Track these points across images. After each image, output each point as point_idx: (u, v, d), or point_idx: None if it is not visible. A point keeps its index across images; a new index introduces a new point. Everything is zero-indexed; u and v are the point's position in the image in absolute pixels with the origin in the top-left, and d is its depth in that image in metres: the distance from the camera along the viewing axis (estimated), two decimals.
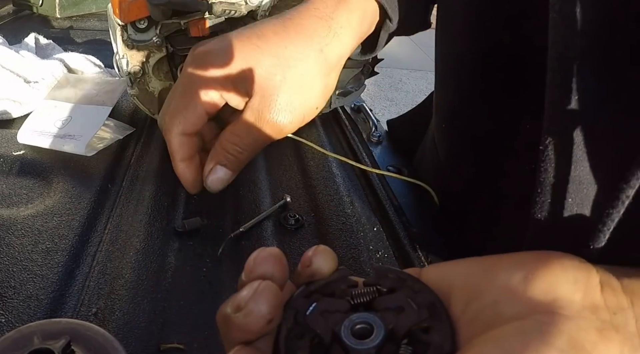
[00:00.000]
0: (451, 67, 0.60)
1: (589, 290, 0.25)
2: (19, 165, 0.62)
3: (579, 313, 0.24)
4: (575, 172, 0.31)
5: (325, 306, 0.29)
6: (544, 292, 0.25)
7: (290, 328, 0.28)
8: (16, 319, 0.43)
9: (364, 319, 0.28)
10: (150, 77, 0.67)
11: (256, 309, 0.26)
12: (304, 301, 0.29)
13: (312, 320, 0.28)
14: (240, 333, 0.27)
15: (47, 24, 1.17)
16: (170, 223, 0.56)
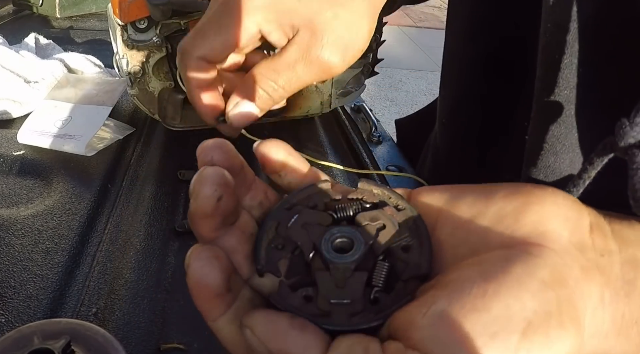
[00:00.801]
0: (454, 65, 0.61)
1: (578, 229, 0.25)
2: (19, 165, 0.62)
3: (565, 249, 0.24)
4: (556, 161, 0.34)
5: (307, 219, 0.28)
6: (533, 224, 0.25)
7: (271, 239, 0.28)
8: (16, 319, 0.43)
9: (344, 234, 0.27)
10: (150, 77, 0.67)
11: (202, 191, 0.26)
12: (285, 213, 0.29)
13: (293, 232, 0.28)
14: (199, 221, 0.27)
15: (47, 24, 1.17)
16: (170, 223, 0.56)
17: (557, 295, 0.23)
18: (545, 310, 0.22)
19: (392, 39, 2.93)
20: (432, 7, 5.30)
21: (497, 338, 0.22)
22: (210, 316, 0.28)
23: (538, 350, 0.22)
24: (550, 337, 0.22)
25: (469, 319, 0.22)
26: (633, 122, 0.26)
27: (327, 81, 0.73)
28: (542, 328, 0.22)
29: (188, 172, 0.65)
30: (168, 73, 0.68)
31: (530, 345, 0.22)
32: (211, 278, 0.26)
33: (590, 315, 0.24)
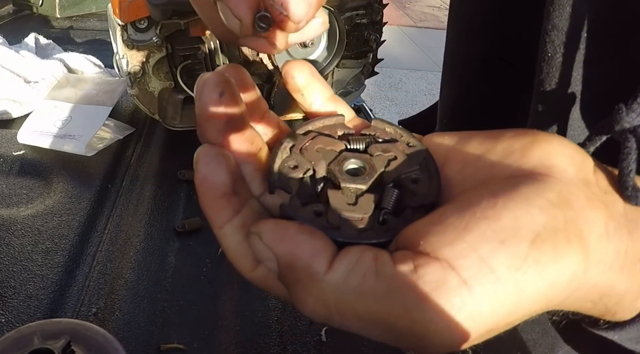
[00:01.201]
0: (455, 65, 0.61)
1: (583, 167, 0.26)
2: (19, 165, 0.62)
3: (571, 180, 0.25)
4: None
5: (322, 144, 0.29)
6: (540, 159, 0.25)
7: (285, 159, 0.28)
8: (16, 319, 0.43)
9: (357, 159, 0.28)
10: (150, 77, 0.67)
11: (204, 89, 0.27)
12: (301, 137, 0.29)
13: (308, 154, 0.28)
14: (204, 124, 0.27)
15: (47, 24, 1.17)
16: (170, 223, 0.56)
17: (564, 214, 0.23)
18: (553, 225, 0.23)
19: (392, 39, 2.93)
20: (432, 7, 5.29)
21: (507, 244, 0.22)
22: (217, 222, 0.27)
23: (546, 261, 0.22)
24: (558, 250, 0.23)
25: (479, 226, 0.23)
26: (630, 108, 0.26)
27: (328, 80, 0.73)
28: (550, 241, 0.22)
29: (188, 172, 0.65)
30: (168, 74, 0.68)
31: (538, 254, 0.22)
32: (217, 176, 0.26)
33: (594, 242, 0.24)
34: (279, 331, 0.46)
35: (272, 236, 0.24)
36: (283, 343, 0.45)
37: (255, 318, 0.47)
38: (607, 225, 0.24)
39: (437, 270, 0.22)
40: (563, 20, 0.34)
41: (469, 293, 0.22)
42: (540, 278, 0.22)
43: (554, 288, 0.23)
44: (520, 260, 0.22)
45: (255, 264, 0.26)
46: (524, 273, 0.22)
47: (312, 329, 0.47)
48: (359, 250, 0.24)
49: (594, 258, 0.24)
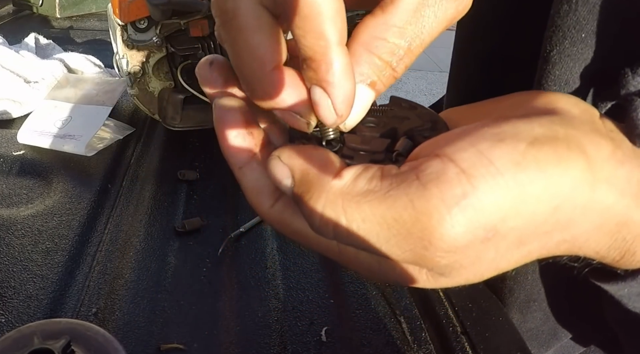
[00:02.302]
0: (463, 64, 0.61)
1: (588, 112, 0.26)
2: (19, 165, 0.62)
3: (576, 116, 0.25)
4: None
5: None
6: (545, 104, 0.26)
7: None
8: (16, 319, 0.43)
9: (372, 114, 0.29)
10: (150, 77, 0.67)
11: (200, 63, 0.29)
12: None
13: None
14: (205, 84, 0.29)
15: (47, 24, 1.17)
16: (170, 223, 0.56)
17: (566, 131, 0.23)
18: (553, 135, 0.23)
19: None
20: None
21: (505, 142, 0.23)
22: (237, 162, 0.28)
23: (546, 160, 0.22)
24: (558, 153, 0.22)
25: (479, 130, 0.23)
26: (636, 72, 0.27)
27: None
28: (549, 144, 0.23)
29: (188, 172, 0.65)
30: (168, 74, 0.68)
31: (537, 152, 0.22)
32: (233, 114, 0.27)
33: (601, 161, 0.23)
34: (279, 331, 0.46)
35: (290, 154, 0.26)
36: (283, 343, 0.45)
37: (255, 318, 0.47)
38: (615, 152, 0.24)
39: (437, 163, 0.23)
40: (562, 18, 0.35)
41: (468, 182, 0.22)
42: (541, 174, 0.22)
43: (558, 190, 0.22)
44: (519, 155, 0.22)
45: (274, 200, 0.27)
46: (523, 168, 0.22)
47: (312, 329, 0.47)
48: (365, 164, 0.25)
49: (601, 176, 0.23)
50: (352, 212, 0.23)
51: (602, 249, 0.25)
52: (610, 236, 0.25)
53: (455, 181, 0.22)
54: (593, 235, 0.24)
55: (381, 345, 0.46)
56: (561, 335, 0.51)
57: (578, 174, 0.23)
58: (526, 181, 0.22)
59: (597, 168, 0.23)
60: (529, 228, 0.23)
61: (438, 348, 0.47)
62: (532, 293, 0.50)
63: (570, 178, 0.22)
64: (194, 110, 0.69)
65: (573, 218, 0.23)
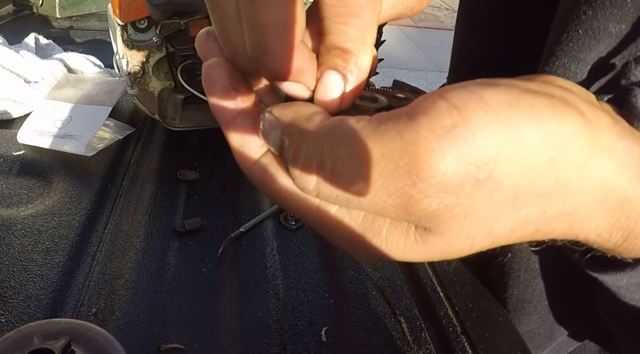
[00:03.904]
0: (463, 61, 0.61)
1: (585, 91, 0.25)
2: (19, 165, 0.62)
3: (571, 89, 0.24)
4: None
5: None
6: (544, 79, 0.25)
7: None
8: (16, 319, 0.43)
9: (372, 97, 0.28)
10: (150, 77, 0.67)
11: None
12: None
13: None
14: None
15: (47, 24, 1.17)
16: (170, 223, 0.56)
17: (562, 94, 0.22)
18: (548, 92, 0.22)
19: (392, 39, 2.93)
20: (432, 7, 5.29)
21: (499, 86, 0.21)
22: (224, 118, 0.27)
23: (541, 106, 0.21)
24: (554, 105, 0.21)
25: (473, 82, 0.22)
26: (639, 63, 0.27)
27: None
28: (545, 96, 0.21)
29: (188, 172, 0.65)
30: (168, 74, 0.68)
31: (532, 99, 0.21)
32: (220, 70, 0.27)
33: (600, 128, 0.22)
34: (279, 331, 0.46)
35: (281, 107, 0.25)
36: (283, 343, 0.45)
37: (255, 318, 0.47)
38: (615, 125, 0.23)
39: (427, 100, 0.21)
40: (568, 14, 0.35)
41: (458, 115, 0.20)
42: (536, 119, 0.21)
43: (554, 139, 0.21)
44: (512, 98, 0.21)
45: (258, 156, 0.26)
46: (517, 109, 0.21)
47: (312, 329, 0.47)
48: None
49: (600, 141, 0.22)
50: (337, 150, 0.22)
51: (605, 229, 0.24)
52: (612, 213, 0.23)
53: (446, 113, 0.21)
54: (595, 209, 0.23)
55: (381, 345, 0.46)
56: (557, 336, 0.51)
57: (575, 130, 0.21)
58: (520, 122, 0.21)
59: (595, 131, 0.22)
60: (524, 178, 0.21)
61: (438, 348, 0.47)
62: (525, 294, 0.50)
63: (566, 130, 0.21)
64: (194, 110, 0.69)
65: (572, 181, 0.22)
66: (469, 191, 0.21)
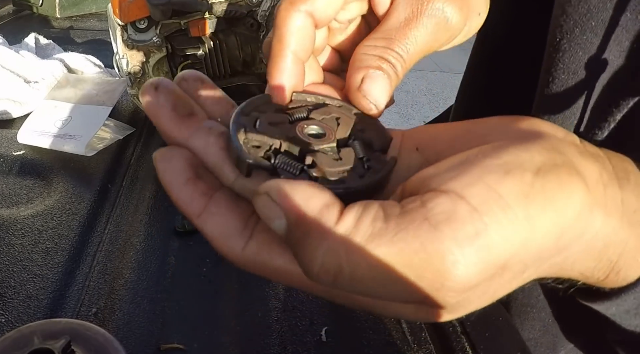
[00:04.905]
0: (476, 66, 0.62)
1: (569, 135, 0.26)
2: (19, 165, 0.62)
3: (561, 139, 0.25)
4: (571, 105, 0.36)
5: (269, 119, 0.29)
6: (528, 127, 0.26)
7: (245, 141, 0.27)
8: (16, 319, 0.43)
9: (314, 124, 0.29)
10: (150, 77, 0.67)
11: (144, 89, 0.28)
12: (246, 118, 0.29)
13: (265, 131, 0.28)
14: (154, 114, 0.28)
15: (47, 24, 1.17)
16: (170, 223, 0.56)
17: (562, 157, 0.23)
18: (553, 162, 0.23)
19: None
20: None
21: (512, 174, 0.22)
22: (193, 211, 0.26)
23: (553, 189, 0.22)
24: (563, 180, 0.23)
25: (482, 162, 0.23)
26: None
27: None
28: (553, 172, 0.23)
29: None
30: (168, 74, 0.68)
31: (544, 182, 0.22)
32: (176, 163, 0.26)
33: (594, 186, 0.24)
34: (279, 331, 0.46)
35: (281, 191, 0.23)
36: (283, 343, 0.45)
37: (255, 318, 0.47)
38: (602, 174, 0.24)
39: (445, 201, 0.22)
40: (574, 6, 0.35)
41: (480, 220, 0.21)
42: (550, 205, 0.22)
43: (563, 219, 0.23)
44: (527, 187, 0.22)
45: (244, 241, 0.25)
46: (532, 199, 0.22)
47: (312, 329, 0.47)
48: (365, 202, 0.24)
49: (596, 199, 0.23)
50: (356, 258, 0.22)
51: (588, 270, 0.26)
52: (596, 257, 0.25)
53: (468, 219, 0.21)
54: (580, 257, 0.25)
55: (381, 345, 0.46)
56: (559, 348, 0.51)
57: (580, 200, 0.23)
58: (535, 214, 0.22)
59: (592, 192, 0.23)
60: (533, 258, 0.23)
61: (438, 348, 0.47)
62: (530, 297, 0.50)
63: (574, 203, 0.23)
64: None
65: (570, 244, 0.24)
66: (485, 284, 0.23)
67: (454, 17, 0.34)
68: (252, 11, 0.66)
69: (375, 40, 0.32)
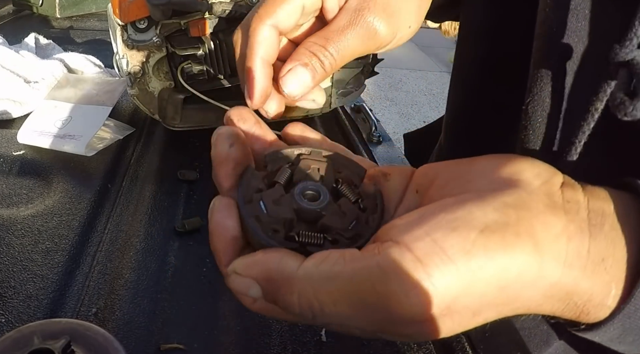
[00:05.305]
0: (461, 67, 0.62)
1: (549, 182, 0.28)
2: (19, 165, 0.62)
3: (534, 191, 0.27)
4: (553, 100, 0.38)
5: (271, 198, 0.32)
6: (509, 175, 0.28)
7: (264, 230, 0.30)
8: (16, 319, 0.43)
9: (308, 191, 0.33)
10: (150, 77, 0.67)
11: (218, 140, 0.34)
12: (251, 206, 0.32)
13: (275, 214, 0.31)
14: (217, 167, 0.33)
15: (47, 24, 1.17)
16: (170, 223, 0.56)
17: (518, 214, 0.26)
18: (504, 221, 0.25)
19: None
20: None
21: (458, 231, 0.25)
22: (224, 260, 0.31)
23: (494, 248, 0.25)
24: (506, 241, 0.25)
25: (435, 217, 0.26)
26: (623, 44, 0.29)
27: (327, 79, 0.73)
28: (499, 233, 0.25)
29: (188, 172, 0.65)
30: (168, 74, 0.68)
31: (486, 241, 0.25)
32: (229, 221, 0.31)
33: (550, 240, 0.26)
34: (279, 331, 0.46)
35: (245, 264, 0.29)
36: (283, 343, 0.45)
37: (255, 318, 0.47)
38: (567, 227, 0.26)
39: (395, 251, 0.25)
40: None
41: (423, 270, 0.25)
42: (490, 262, 0.25)
43: (505, 274, 0.25)
44: (469, 244, 0.25)
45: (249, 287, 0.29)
46: (473, 255, 0.25)
47: (312, 329, 0.47)
48: (327, 251, 0.28)
49: (550, 255, 0.26)
50: (323, 297, 0.26)
51: (557, 311, 0.28)
52: (562, 302, 0.27)
53: (412, 267, 0.25)
54: (544, 302, 0.27)
55: (381, 345, 0.46)
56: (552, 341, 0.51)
57: (524, 258, 0.25)
58: (475, 267, 0.25)
59: (545, 249, 0.25)
60: (480, 304, 0.26)
61: (438, 348, 0.47)
62: None
63: (517, 262, 0.25)
64: (194, 110, 0.69)
65: (521, 294, 0.26)
66: (435, 321, 0.26)
67: (383, 30, 0.41)
68: None
69: (317, 38, 0.40)
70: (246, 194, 0.32)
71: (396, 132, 3.14)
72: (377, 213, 0.32)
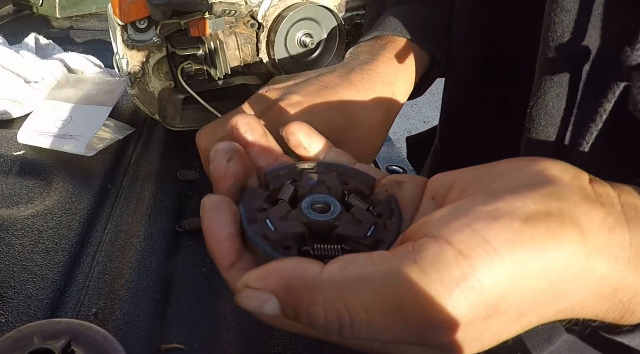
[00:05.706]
0: (454, 69, 0.63)
1: (579, 178, 0.27)
2: (19, 165, 0.62)
3: (567, 185, 0.25)
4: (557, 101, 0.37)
5: (277, 214, 0.30)
6: (537, 172, 0.26)
7: (274, 248, 0.28)
8: (16, 319, 0.43)
9: (317, 204, 0.31)
10: (150, 77, 0.67)
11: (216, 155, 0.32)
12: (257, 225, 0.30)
13: (284, 231, 0.29)
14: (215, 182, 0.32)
15: (47, 24, 1.17)
16: (170, 223, 0.56)
17: (559, 205, 0.24)
18: (546, 211, 0.23)
19: None
20: None
21: (500, 221, 0.23)
22: (224, 263, 0.28)
23: (541, 237, 0.23)
24: (553, 230, 0.23)
25: (473, 209, 0.24)
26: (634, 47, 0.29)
27: None
28: (543, 221, 0.23)
29: (188, 172, 0.65)
30: (168, 74, 0.68)
31: (532, 231, 0.23)
32: (222, 218, 0.29)
33: (594, 231, 0.24)
34: (279, 331, 0.46)
35: (258, 276, 0.25)
36: (283, 343, 0.45)
37: (255, 318, 0.47)
38: (606, 218, 0.25)
39: (433, 246, 0.23)
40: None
41: (466, 264, 0.22)
42: (538, 253, 0.23)
43: (554, 266, 0.23)
44: (515, 234, 0.23)
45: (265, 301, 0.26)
46: (520, 246, 0.22)
47: None
48: (351, 255, 0.25)
49: (595, 246, 0.24)
50: (352, 303, 0.23)
51: (601, 312, 0.26)
52: (607, 300, 0.25)
53: (454, 263, 0.22)
54: (590, 301, 0.25)
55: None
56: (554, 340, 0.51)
57: (573, 248, 0.23)
58: (523, 259, 0.22)
59: (590, 239, 0.24)
60: (527, 302, 0.24)
61: None
62: None
63: (565, 252, 0.23)
64: (194, 110, 0.69)
65: (569, 289, 0.24)
66: (479, 325, 0.23)
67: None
68: (252, 11, 0.66)
69: None
70: (249, 214, 0.30)
71: (396, 132, 3.14)
72: (395, 217, 0.30)
